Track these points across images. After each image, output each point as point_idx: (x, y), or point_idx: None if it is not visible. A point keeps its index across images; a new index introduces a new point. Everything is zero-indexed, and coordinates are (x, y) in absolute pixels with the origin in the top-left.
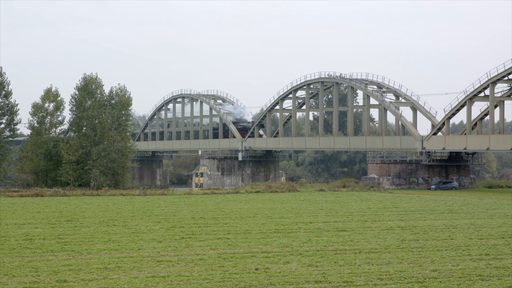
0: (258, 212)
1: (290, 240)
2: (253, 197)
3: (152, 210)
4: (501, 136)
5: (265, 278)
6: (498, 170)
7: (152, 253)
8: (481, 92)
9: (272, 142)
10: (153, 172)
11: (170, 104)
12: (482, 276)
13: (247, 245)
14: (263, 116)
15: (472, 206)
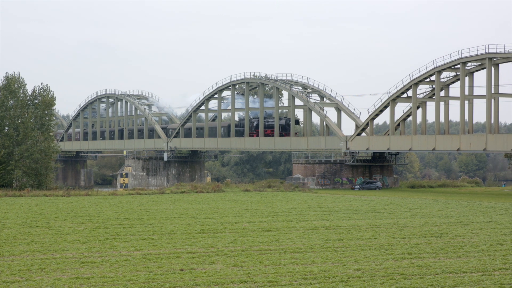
0: (183, 212)
1: (216, 241)
2: (179, 198)
3: (76, 211)
4: (423, 136)
5: (190, 278)
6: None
7: (76, 254)
8: (404, 93)
9: (197, 142)
10: (77, 172)
11: (95, 104)
12: (404, 275)
13: (172, 245)
14: (188, 116)
15: (395, 205)
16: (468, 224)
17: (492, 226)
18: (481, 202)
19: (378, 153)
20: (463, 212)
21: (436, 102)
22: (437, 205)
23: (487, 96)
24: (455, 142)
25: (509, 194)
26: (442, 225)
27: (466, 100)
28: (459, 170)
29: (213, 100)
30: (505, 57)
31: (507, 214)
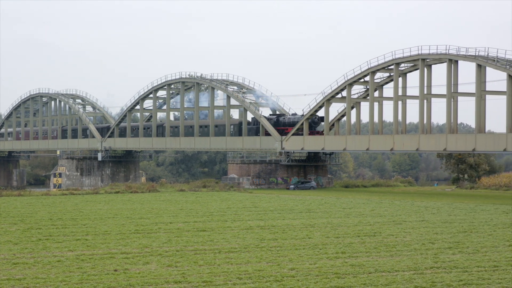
0: (117, 212)
1: (150, 241)
2: (113, 198)
3: (8, 211)
4: (357, 136)
5: (124, 279)
6: (354, 170)
7: (7, 255)
8: (339, 94)
9: (132, 142)
10: (9, 172)
11: (28, 103)
12: (338, 274)
13: (106, 246)
14: (123, 116)
15: (330, 205)
16: (401, 223)
17: (424, 225)
18: (414, 201)
19: (313, 153)
20: (396, 211)
21: (370, 103)
22: (371, 205)
23: (420, 97)
24: (388, 142)
25: (441, 194)
26: (375, 225)
27: (400, 100)
28: (393, 170)
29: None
30: (437, 58)
31: (439, 213)
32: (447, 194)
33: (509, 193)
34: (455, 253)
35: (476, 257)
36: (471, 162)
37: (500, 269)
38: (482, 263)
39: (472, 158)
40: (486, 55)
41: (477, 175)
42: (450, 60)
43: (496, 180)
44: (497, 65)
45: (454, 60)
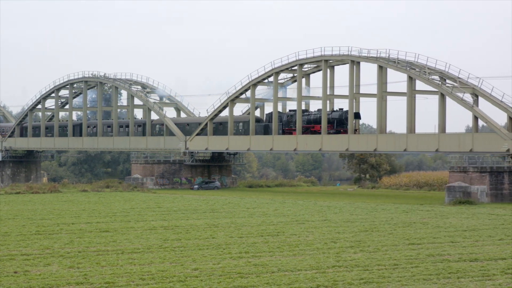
0: (18, 213)
1: (51, 242)
2: (13, 199)
3: None
4: (261, 137)
5: (24, 281)
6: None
7: None
8: (243, 94)
9: (33, 142)
10: None
11: None
12: (241, 274)
13: (6, 247)
14: (24, 115)
15: (233, 205)
16: (303, 223)
17: (326, 224)
18: (317, 201)
19: (217, 153)
20: (299, 211)
21: (274, 103)
22: (274, 205)
23: (323, 97)
24: (292, 142)
25: (343, 193)
26: (278, 224)
27: (303, 101)
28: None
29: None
30: (340, 59)
31: (341, 212)
32: (349, 194)
33: (409, 193)
34: (356, 252)
35: (376, 256)
36: (373, 162)
37: (400, 267)
38: (383, 261)
39: (374, 158)
40: (388, 56)
41: (378, 175)
42: (352, 62)
43: (397, 180)
44: (397, 67)
45: (356, 61)
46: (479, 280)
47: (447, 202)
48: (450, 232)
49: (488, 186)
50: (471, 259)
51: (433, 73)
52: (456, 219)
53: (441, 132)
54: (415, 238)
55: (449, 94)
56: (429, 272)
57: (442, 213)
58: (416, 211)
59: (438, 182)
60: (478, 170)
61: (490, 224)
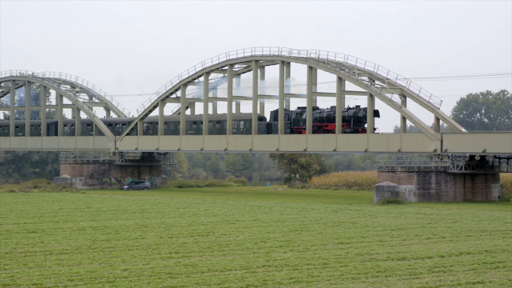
0: None
1: None
2: None
3: None
4: (191, 136)
5: None
6: (189, 170)
7: None
8: (173, 94)
9: None
10: None
11: None
12: (171, 274)
13: None
14: None
15: (163, 205)
16: (234, 222)
17: (256, 224)
18: (247, 201)
19: (147, 153)
20: (229, 211)
21: (204, 103)
22: (205, 205)
23: (253, 97)
24: (222, 142)
25: (273, 193)
26: (209, 224)
27: (234, 101)
28: (226, 170)
29: None
30: (270, 59)
31: (271, 212)
32: (279, 194)
33: (338, 193)
34: (286, 251)
35: (306, 255)
36: (303, 162)
37: (329, 266)
38: (312, 260)
39: (304, 158)
40: (317, 57)
41: (308, 175)
42: (282, 62)
43: (326, 180)
44: (327, 67)
45: (286, 62)
46: (406, 279)
47: (375, 201)
48: (378, 232)
49: (416, 186)
50: (398, 258)
51: (362, 74)
52: (385, 218)
53: (370, 133)
54: (344, 237)
55: (377, 95)
56: (357, 271)
57: (371, 213)
58: (345, 211)
59: (367, 182)
60: (406, 170)
61: (418, 223)
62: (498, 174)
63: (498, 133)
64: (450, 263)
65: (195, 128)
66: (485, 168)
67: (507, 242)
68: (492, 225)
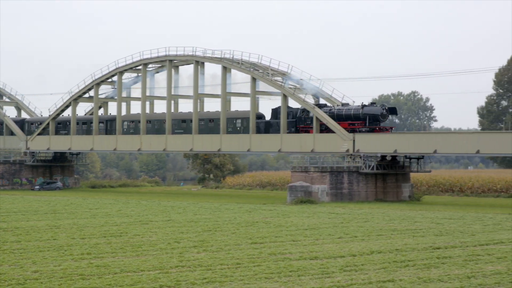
0: None
1: None
2: None
3: None
4: (104, 136)
5: None
6: (102, 170)
7: None
8: (86, 93)
9: None
10: None
11: None
12: (83, 275)
13: None
14: None
15: (76, 206)
16: (147, 223)
17: (170, 224)
18: (161, 201)
19: (59, 153)
20: (142, 211)
21: (118, 103)
22: (118, 205)
23: (167, 97)
24: (136, 143)
25: (187, 193)
26: (122, 225)
27: (148, 100)
28: (140, 170)
29: None
30: (184, 59)
31: (185, 212)
32: (193, 194)
33: (252, 192)
34: (199, 251)
35: (219, 255)
36: (217, 162)
37: (242, 266)
38: (226, 260)
39: (218, 158)
40: (232, 57)
41: (222, 175)
42: (197, 62)
43: (240, 180)
44: (241, 68)
45: (200, 62)
46: (318, 278)
47: (289, 201)
48: (291, 231)
49: (329, 186)
50: (311, 257)
51: (276, 75)
52: (298, 218)
53: (284, 133)
54: (257, 237)
55: (291, 95)
56: (270, 271)
57: (284, 212)
58: (259, 211)
59: (280, 182)
60: (319, 170)
61: (330, 222)
62: (409, 174)
63: (408, 133)
64: (362, 262)
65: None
66: (396, 168)
67: (417, 241)
68: (403, 224)
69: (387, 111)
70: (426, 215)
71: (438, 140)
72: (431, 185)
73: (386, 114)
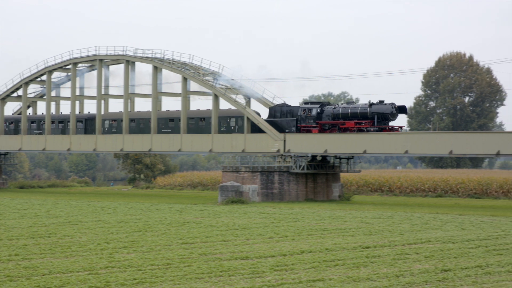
0: None
1: None
2: None
3: None
4: (33, 136)
5: None
6: (30, 171)
7: None
8: (14, 93)
9: None
10: None
11: None
12: (10, 277)
13: None
14: None
15: (3, 207)
16: (77, 223)
17: (100, 225)
18: (90, 201)
19: None
20: (72, 212)
21: (47, 102)
22: (47, 206)
23: (97, 97)
24: (65, 143)
25: (117, 194)
26: (50, 226)
27: (77, 100)
28: (70, 170)
29: None
30: (115, 59)
31: (115, 213)
32: (124, 194)
33: (183, 193)
34: (129, 252)
35: (150, 256)
36: (147, 162)
37: (172, 266)
38: (156, 261)
39: (148, 159)
40: (163, 57)
41: (153, 175)
42: (127, 61)
43: (171, 180)
44: (172, 67)
45: (131, 61)
46: (249, 278)
47: (220, 201)
48: (222, 231)
49: (259, 186)
50: (242, 257)
51: (207, 74)
52: (229, 218)
53: (215, 133)
54: (188, 237)
55: (222, 96)
56: (201, 271)
57: (215, 212)
58: (190, 211)
59: (211, 182)
60: (250, 170)
61: (261, 222)
62: (339, 174)
63: (338, 134)
64: (292, 261)
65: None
66: (326, 168)
67: (346, 240)
68: (333, 224)
69: (396, 109)
70: (355, 215)
71: (367, 140)
72: (361, 185)
73: (396, 113)
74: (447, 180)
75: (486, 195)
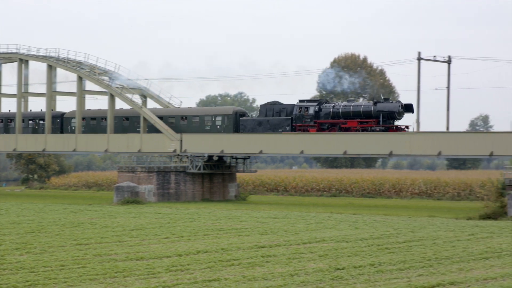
0: None
1: None
2: None
3: None
4: None
5: None
6: None
7: None
8: None
9: None
10: None
11: None
12: None
13: None
14: None
15: None
16: None
17: None
18: None
19: None
20: None
21: None
22: None
23: (18, 95)
24: None
25: (10, 194)
26: None
27: None
28: None
29: None
30: (7, 57)
31: (7, 214)
32: (16, 195)
33: (78, 193)
34: (22, 254)
35: (43, 257)
36: (41, 163)
37: (66, 268)
38: (49, 262)
39: (42, 159)
40: (57, 56)
41: (47, 175)
42: (21, 60)
43: (66, 180)
44: (67, 66)
45: (25, 60)
46: (144, 278)
47: (115, 201)
48: (117, 232)
49: (156, 186)
50: (137, 258)
51: (103, 74)
52: (124, 218)
53: (111, 133)
54: (82, 238)
55: (118, 95)
56: (95, 272)
57: (111, 213)
58: (85, 211)
59: (107, 182)
60: (146, 170)
61: (157, 223)
62: (235, 174)
63: (235, 134)
64: (188, 261)
65: None
66: (222, 168)
67: (242, 240)
68: (229, 223)
69: (403, 108)
70: (251, 215)
71: (264, 140)
72: (257, 185)
73: (403, 111)
74: (342, 180)
75: (379, 195)
